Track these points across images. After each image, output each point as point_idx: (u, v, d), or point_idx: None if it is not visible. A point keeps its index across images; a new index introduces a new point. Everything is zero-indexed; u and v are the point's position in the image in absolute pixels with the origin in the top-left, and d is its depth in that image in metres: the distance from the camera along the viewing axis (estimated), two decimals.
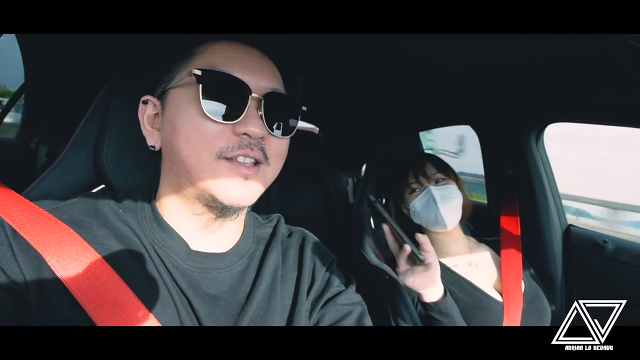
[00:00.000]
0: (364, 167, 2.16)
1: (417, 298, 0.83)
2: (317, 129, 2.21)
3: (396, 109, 1.48)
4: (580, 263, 1.14)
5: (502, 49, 0.73)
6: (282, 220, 0.65)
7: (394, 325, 0.88)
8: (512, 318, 0.84)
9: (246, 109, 0.45)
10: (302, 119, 0.54)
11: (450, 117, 1.42)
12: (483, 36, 0.63)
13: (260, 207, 0.65)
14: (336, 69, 1.13)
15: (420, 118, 1.48)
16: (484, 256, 1.02)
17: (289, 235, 0.63)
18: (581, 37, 0.55)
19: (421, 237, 0.77)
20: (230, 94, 0.45)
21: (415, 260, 0.77)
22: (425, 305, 0.80)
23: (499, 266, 0.99)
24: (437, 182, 0.98)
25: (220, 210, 0.47)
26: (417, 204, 0.98)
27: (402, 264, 0.79)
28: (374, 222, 1.12)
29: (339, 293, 0.57)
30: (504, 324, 0.84)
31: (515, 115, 1.17)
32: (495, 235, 1.09)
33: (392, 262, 0.97)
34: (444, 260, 0.96)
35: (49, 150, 1.58)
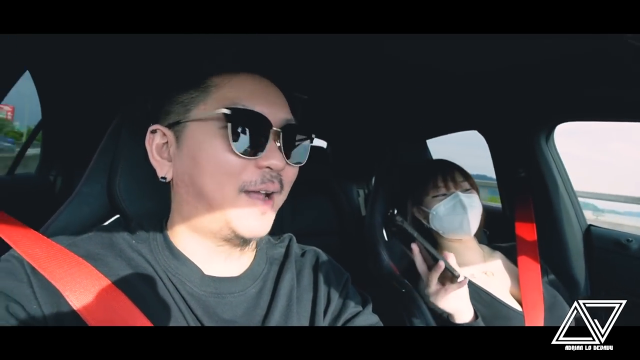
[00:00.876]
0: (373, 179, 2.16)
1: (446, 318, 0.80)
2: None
3: (402, 117, 1.48)
4: (604, 264, 1.11)
5: (505, 51, 0.73)
6: (294, 239, 0.65)
7: None
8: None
9: (268, 143, 0.47)
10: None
11: (456, 123, 1.41)
12: (484, 37, 0.63)
13: (274, 224, 0.65)
14: (340, 80, 1.14)
15: (426, 126, 1.47)
16: (499, 264, 1.00)
17: (302, 255, 0.62)
18: (582, 35, 0.55)
19: (448, 255, 0.75)
20: (253, 129, 0.46)
21: (446, 279, 0.74)
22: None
23: (513, 273, 0.97)
24: (464, 190, 0.98)
25: (241, 242, 0.49)
26: (441, 208, 0.97)
27: (433, 284, 0.75)
28: (386, 234, 1.11)
29: (356, 314, 0.57)
30: None
31: (524, 117, 1.16)
32: (511, 240, 1.06)
33: (407, 275, 0.96)
34: (459, 270, 0.94)
35: (64, 181, 1.64)
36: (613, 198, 5.48)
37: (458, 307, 0.76)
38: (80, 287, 0.42)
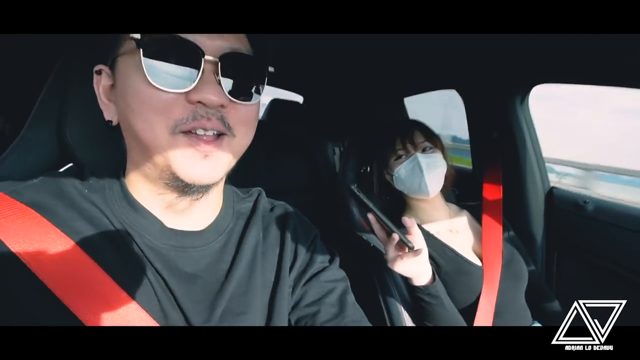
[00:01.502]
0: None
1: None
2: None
3: (380, 75, 1.44)
4: (563, 224, 1.17)
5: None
6: (263, 193, 0.63)
7: (380, 297, 0.89)
8: (491, 282, 0.86)
9: (199, 74, 0.40)
10: (284, 87, 0.50)
11: (434, 82, 1.39)
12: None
13: (247, 178, 0.63)
14: (318, 35, 1.08)
15: (404, 84, 1.44)
16: (464, 222, 1.03)
17: (271, 210, 0.61)
18: None
19: (408, 221, 0.76)
20: (178, 58, 0.40)
21: (404, 247, 0.76)
22: (414, 288, 0.81)
23: (477, 231, 1.01)
24: (424, 150, 0.98)
25: (183, 189, 0.44)
26: (402, 171, 0.97)
27: (391, 252, 0.77)
28: (351, 195, 1.11)
29: (323, 269, 0.57)
30: (483, 288, 0.86)
31: (501, 78, 1.15)
32: (480, 199, 1.10)
33: None
34: (426, 227, 0.97)
35: (13, 128, 1.51)
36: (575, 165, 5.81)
37: (415, 271, 0.79)
38: (27, 237, 0.39)
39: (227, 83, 0.42)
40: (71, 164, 0.59)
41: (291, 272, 0.54)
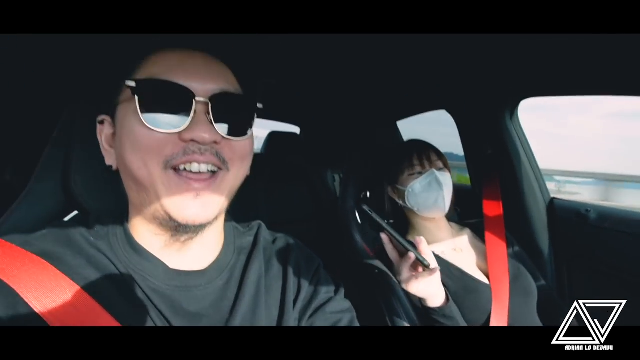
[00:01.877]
0: None
1: (419, 302, 0.81)
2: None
3: (372, 100, 1.48)
4: (567, 234, 1.16)
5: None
6: (264, 226, 0.64)
7: (389, 323, 0.88)
8: (501, 299, 0.85)
9: (191, 115, 0.43)
10: (281, 120, 0.53)
11: (425, 104, 1.42)
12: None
13: (247, 213, 0.64)
14: (309, 67, 1.13)
15: (396, 108, 1.48)
16: (467, 240, 1.03)
17: (273, 242, 0.61)
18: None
19: (419, 241, 0.76)
20: (171, 101, 0.43)
21: (418, 265, 0.75)
22: (429, 310, 0.79)
23: (480, 247, 1.00)
24: (439, 168, 1.00)
25: (177, 229, 0.46)
26: (417, 186, 0.98)
27: (405, 272, 0.76)
28: (359, 216, 1.12)
29: (328, 301, 0.57)
30: (493, 306, 0.84)
31: (489, 94, 1.18)
32: (480, 216, 1.10)
33: (381, 256, 0.98)
34: (430, 248, 0.96)
35: (22, 181, 1.54)
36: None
37: (430, 292, 0.77)
38: (38, 286, 0.40)
39: (219, 121, 0.45)
40: (76, 212, 0.60)
41: (295, 304, 0.54)
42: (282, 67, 1.14)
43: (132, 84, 0.43)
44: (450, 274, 0.91)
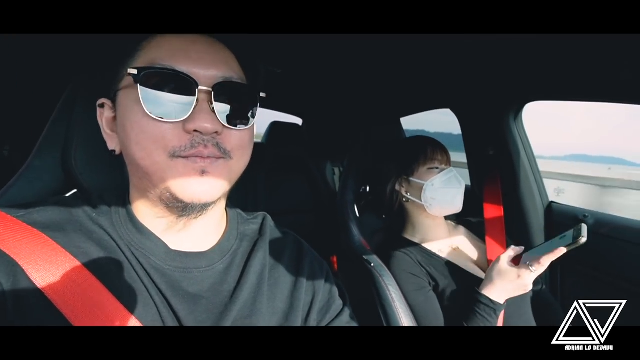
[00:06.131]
0: None
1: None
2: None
3: (377, 95, 1.47)
4: None
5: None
6: (269, 218, 0.63)
7: (382, 316, 0.88)
8: None
9: (194, 104, 0.43)
10: (284, 111, 0.52)
11: (430, 102, 1.42)
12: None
13: (247, 200, 0.64)
14: (315, 59, 1.12)
15: (401, 104, 1.47)
16: (462, 237, 1.04)
17: (280, 236, 0.62)
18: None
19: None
20: (174, 89, 0.43)
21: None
22: (496, 304, 0.80)
23: (476, 244, 1.01)
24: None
25: (183, 209, 0.46)
26: (437, 181, 0.96)
27: (530, 277, 0.80)
28: (358, 210, 1.12)
29: (343, 309, 0.59)
30: None
31: (494, 95, 1.18)
32: (479, 216, 1.10)
33: (378, 251, 0.98)
34: (428, 246, 0.97)
35: (21, 156, 1.53)
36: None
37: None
38: (38, 258, 0.40)
39: (221, 110, 0.44)
40: (75, 190, 0.60)
41: (312, 307, 0.55)
42: (289, 60, 1.13)
43: (133, 71, 0.42)
44: (449, 272, 0.91)
